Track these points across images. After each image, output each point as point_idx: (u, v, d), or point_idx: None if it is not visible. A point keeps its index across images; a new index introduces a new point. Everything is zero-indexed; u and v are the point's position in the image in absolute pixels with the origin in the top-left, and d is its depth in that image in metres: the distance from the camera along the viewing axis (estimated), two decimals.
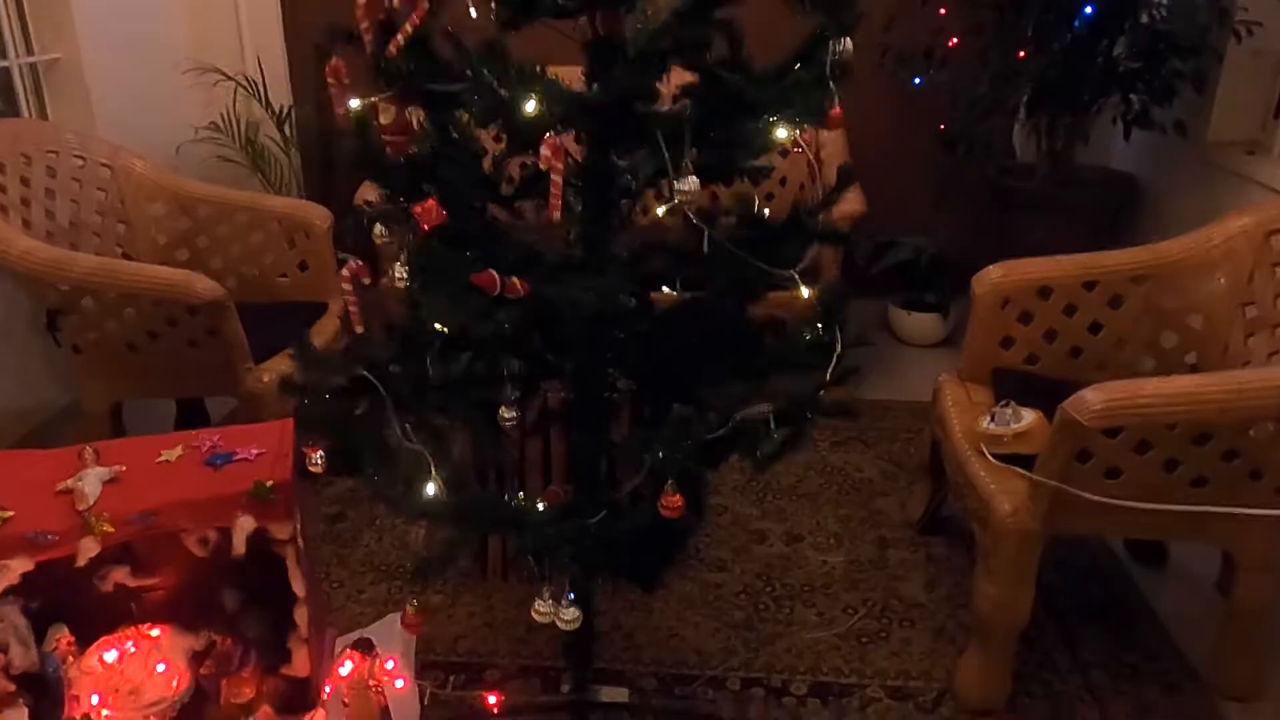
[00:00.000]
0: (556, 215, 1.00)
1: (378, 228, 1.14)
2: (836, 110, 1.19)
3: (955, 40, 2.81)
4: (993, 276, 2.10)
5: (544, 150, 0.96)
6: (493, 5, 1.14)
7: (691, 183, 1.01)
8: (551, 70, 1.04)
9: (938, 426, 2.08)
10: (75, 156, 2.48)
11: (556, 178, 0.98)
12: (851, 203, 2.73)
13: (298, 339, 1.21)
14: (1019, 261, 2.11)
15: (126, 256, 2.54)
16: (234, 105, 3.19)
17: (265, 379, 2.16)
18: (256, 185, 3.24)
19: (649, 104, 0.99)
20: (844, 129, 2.99)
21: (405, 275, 1.09)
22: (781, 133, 1.21)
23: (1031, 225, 2.97)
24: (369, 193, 2.77)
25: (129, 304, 2.11)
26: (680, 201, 1.03)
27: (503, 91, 1.00)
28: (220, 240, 2.62)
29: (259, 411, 2.15)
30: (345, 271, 1.18)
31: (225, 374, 2.16)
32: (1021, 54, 2.56)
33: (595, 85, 1.00)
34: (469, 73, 1.05)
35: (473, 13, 1.19)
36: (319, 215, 2.59)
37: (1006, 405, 1.88)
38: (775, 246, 1.21)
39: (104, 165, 2.54)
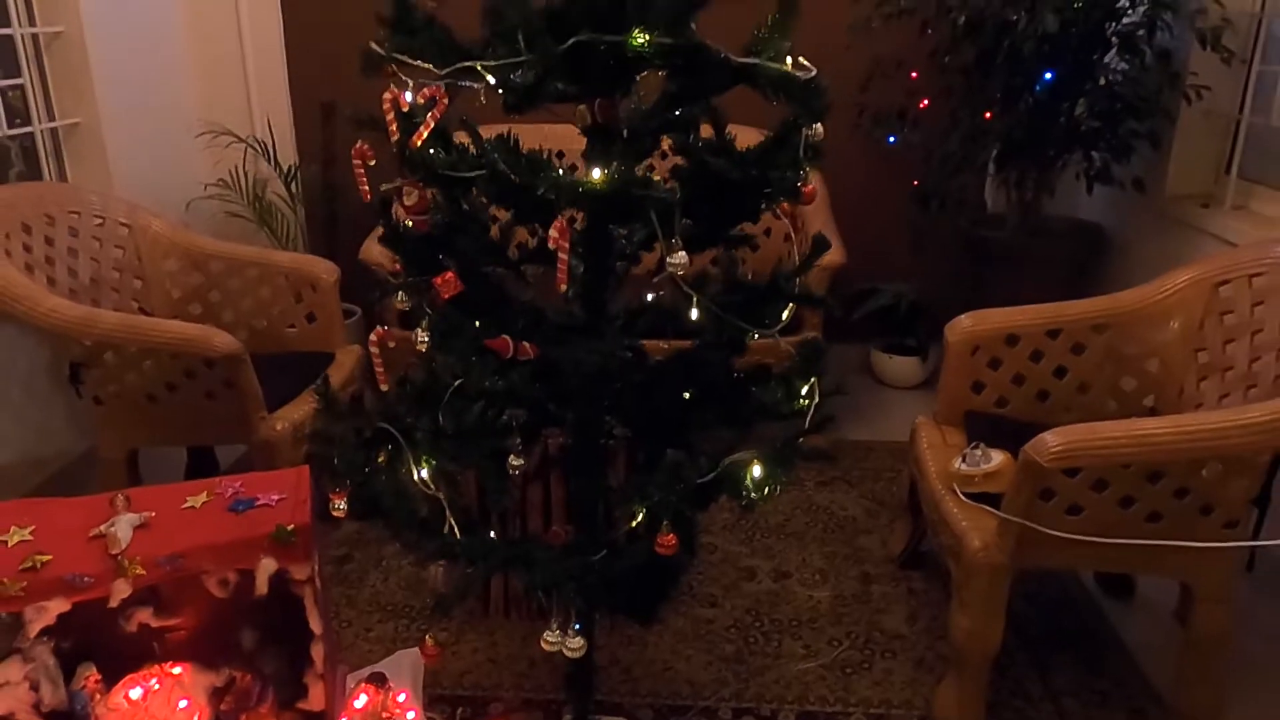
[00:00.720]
0: (564, 288, 1.13)
1: (400, 295, 1.27)
2: (810, 188, 1.33)
3: (926, 102, 2.98)
4: (964, 325, 2.24)
5: (552, 232, 1.09)
6: (500, 94, 1.28)
7: (681, 257, 1.15)
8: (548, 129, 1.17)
9: (915, 467, 2.21)
10: (96, 216, 2.62)
11: (563, 255, 1.11)
12: (831, 254, 2.88)
13: (321, 395, 1.33)
14: (988, 311, 2.25)
15: (143, 310, 2.66)
16: (243, 163, 3.34)
17: (278, 427, 2.28)
18: (263, 239, 3.38)
19: (643, 188, 1.12)
20: (825, 183, 3.15)
21: (426, 339, 1.21)
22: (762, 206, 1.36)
23: (1004, 274, 3.12)
24: (373, 249, 2.91)
25: (149, 357, 2.23)
26: (671, 272, 1.16)
27: (514, 178, 1.14)
28: (231, 294, 2.75)
29: (273, 458, 2.26)
30: (373, 336, 1.31)
31: (240, 423, 2.27)
32: (988, 115, 2.73)
33: (596, 172, 1.13)
34: (483, 159, 1.19)
35: (483, 99, 1.33)
36: (325, 269, 2.72)
37: (977, 447, 2.01)
38: (757, 308, 1.35)
39: (122, 224, 2.67)
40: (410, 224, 1.21)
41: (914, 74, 3.02)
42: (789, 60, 1.26)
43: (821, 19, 3.21)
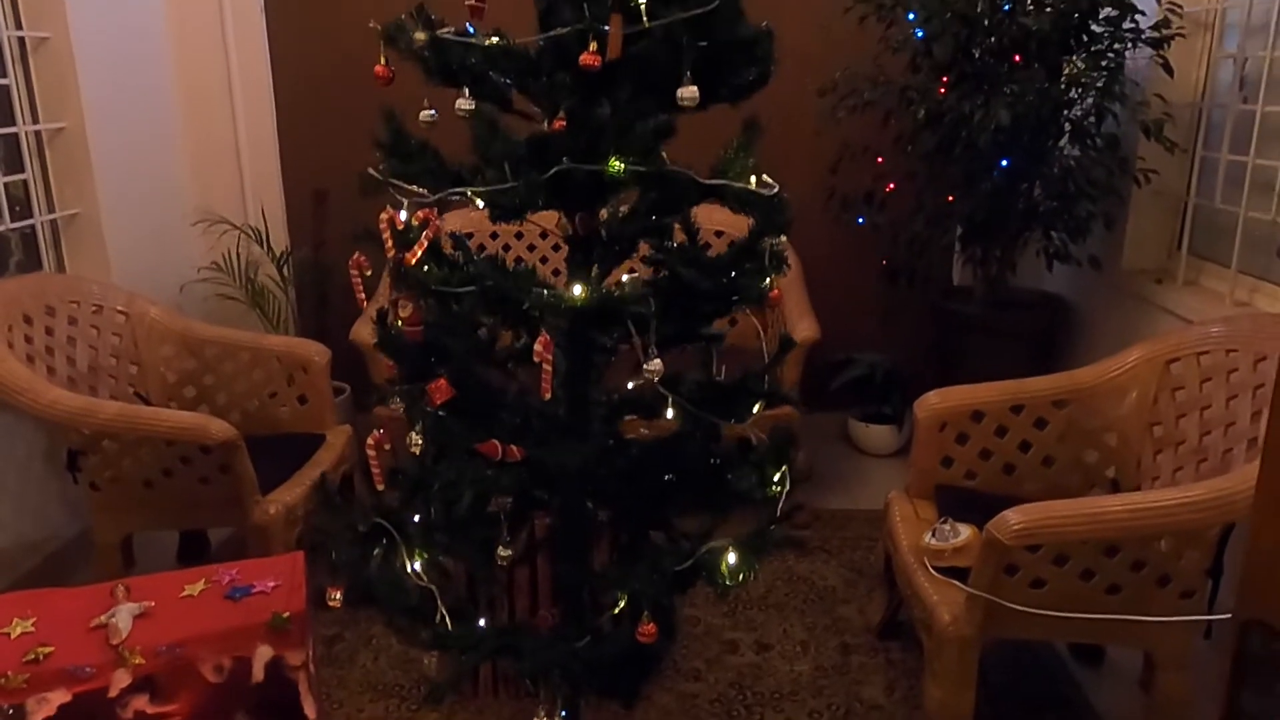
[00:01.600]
0: (548, 395, 1.23)
1: (394, 400, 1.36)
2: (775, 293, 1.44)
3: (893, 185, 3.13)
4: (931, 402, 2.35)
5: (537, 345, 1.19)
6: (485, 209, 1.39)
7: (657, 364, 1.24)
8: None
9: (889, 541, 2.29)
10: (94, 305, 2.71)
11: (547, 366, 1.21)
12: (806, 330, 2.99)
13: (319, 491, 1.41)
14: (954, 389, 2.35)
15: (139, 395, 2.73)
16: (236, 247, 3.45)
17: (272, 510, 2.34)
18: (255, 319, 3.47)
19: (622, 304, 1.22)
20: (799, 259, 3.28)
21: (420, 443, 1.30)
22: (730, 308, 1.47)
23: (974, 344, 3.25)
24: (363, 330, 3.01)
25: (146, 445, 2.30)
26: (648, 377, 1.26)
27: (502, 293, 1.24)
28: (225, 377, 2.83)
29: (266, 540, 2.32)
30: (370, 440, 1.40)
31: (234, 507, 2.33)
32: (950, 198, 2.88)
33: (577, 288, 1.24)
34: (473, 275, 1.29)
35: (474, 209, 1.44)
36: (317, 352, 2.81)
37: (946, 522, 2.10)
38: (729, 404, 1.44)
39: (120, 312, 2.76)
40: (406, 335, 1.30)
41: (879, 159, 3.17)
42: (753, 179, 1.38)
43: (792, 105, 3.38)
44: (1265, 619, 0.96)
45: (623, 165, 1.24)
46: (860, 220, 3.09)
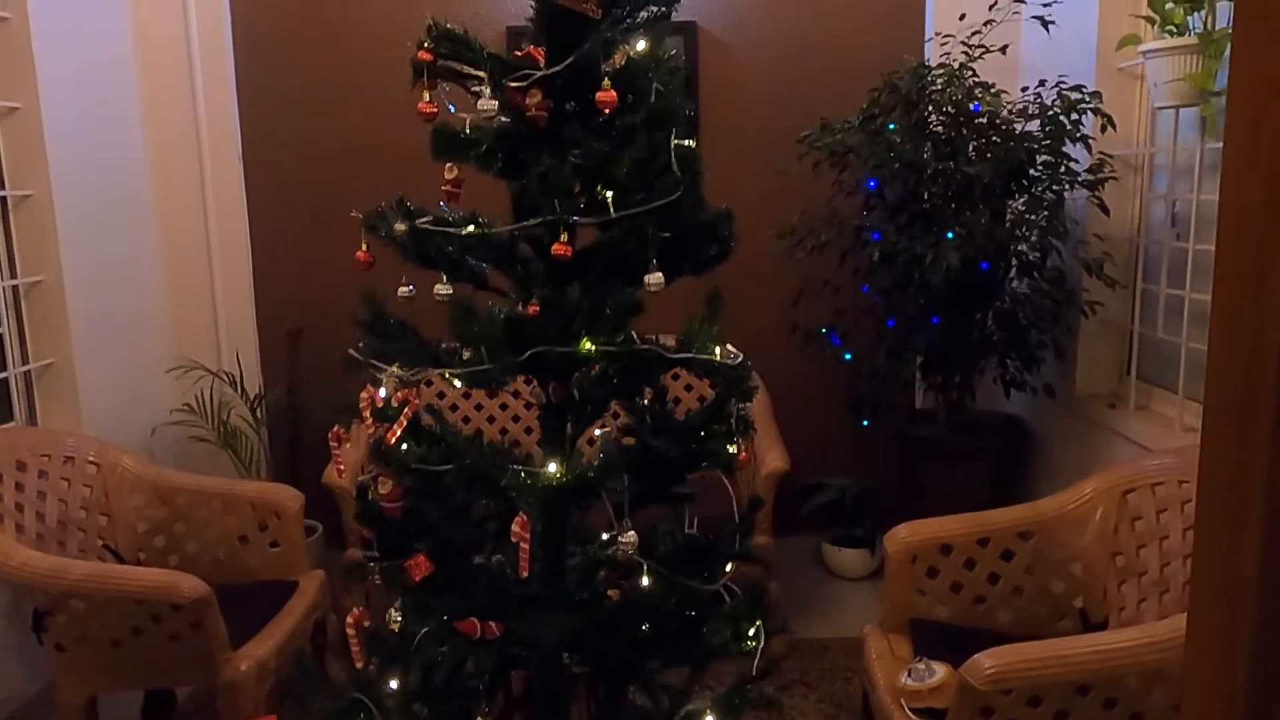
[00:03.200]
0: (525, 573, 1.26)
1: (373, 575, 1.38)
2: (744, 455, 1.50)
3: (852, 320, 3.26)
4: (900, 536, 2.39)
5: (515, 526, 1.23)
6: (464, 392, 1.45)
7: (631, 537, 1.29)
8: None
9: (865, 679, 2.29)
10: (66, 456, 2.70)
11: (524, 546, 1.24)
12: (776, 461, 3.05)
13: (299, 668, 1.41)
14: (922, 522, 2.40)
15: (107, 547, 2.71)
16: (210, 390, 3.47)
17: (243, 667, 2.31)
18: (227, 460, 3.47)
19: (596, 481, 1.27)
20: (766, 388, 3.37)
21: (399, 619, 1.32)
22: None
23: (938, 468, 3.32)
24: (333, 476, 3.02)
25: (116, 604, 2.27)
26: (622, 549, 1.30)
27: (480, 469, 1.28)
28: (196, 525, 2.81)
29: (237, 698, 2.28)
30: (350, 618, 1.41)
31: (204, 664, 2.29)
32: (908, 331, 3.00)
33: (552, 466, 1.29)
34: (450, 449, 1.33)
35: (457, 384, 1.50)
36: (290, 497, 2.80)
37: (921, 660, 2.12)
38: (702, 566, 1.48)
39: (91, 462, 2.76)
40: (385, 511, 1.34)
41: (837, 289, 3.31)
42: (718, 350, 1.45)
43: (755, 242, 3.53)
44: None
45: (594, 346, 1.31)
46: (826, 349, 3.18)
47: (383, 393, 1.40)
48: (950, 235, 2.73)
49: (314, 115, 3.61)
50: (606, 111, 1.32)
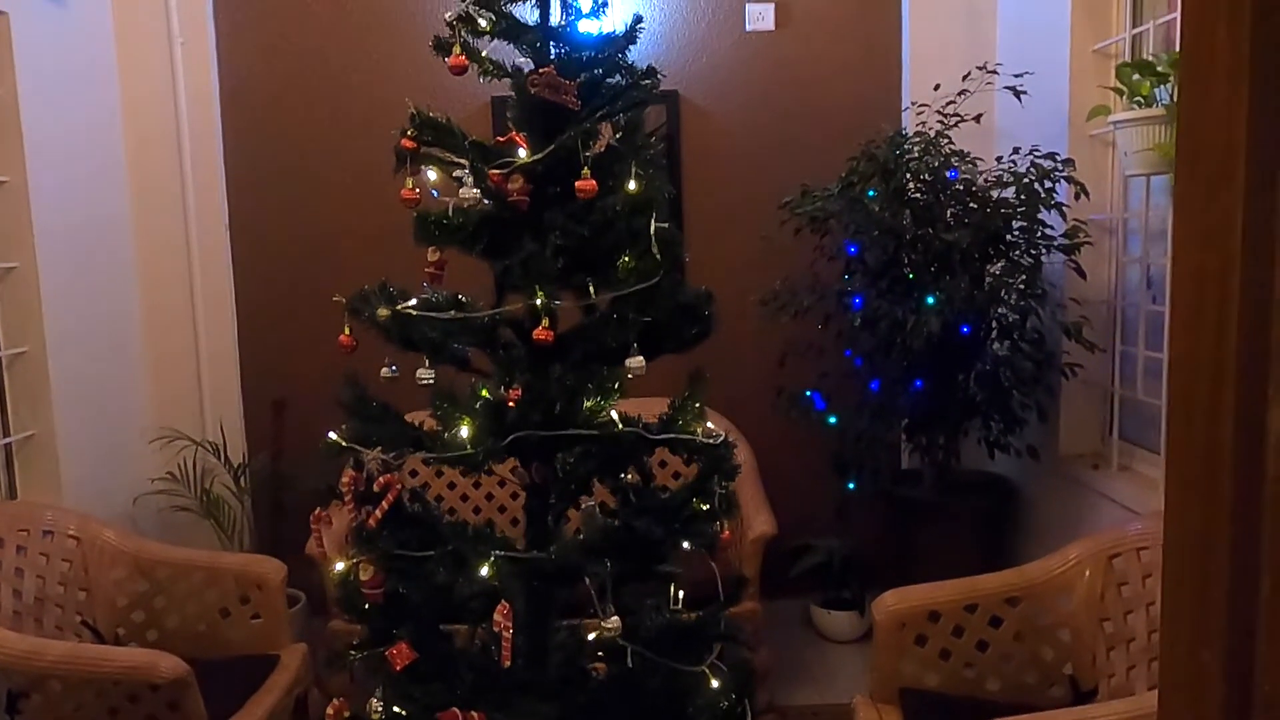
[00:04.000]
0: (507, 663, 1.25)
1: (353, 663, 1.37)
2: (726, 534, 1.50)
3: (836, 382, 3.28)
4: (888, 603, 2.38)
5: (497, 615, 1.22)
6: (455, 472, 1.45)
7: (614, 621, 1.28)
8: None
9: None
10: (45, 530, 2.67)
11: (507, 635, 1.24)
12: (763, 525, 3.04)
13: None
14: (910, 589, 2.39)
15: (85, 623, 2.66)
16: (193, 459, 3.45)
17: None
18: (209, 529, 3.43)
19: (580, 565, 1.27)
20: (751, 451, 3.37)
21: (380, 710, 1.30)
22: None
23: (925, 526, 3.32)
24: (315, 547, 2.99)
25: (92, 685, 2.22)
26: (606, 633, 1.29)
27: (463, 555, 1.28)
28: (177, 599, 2.77)
29: None
30: (330, 710, 1.39)
31: None
32: (891, 394, 3.02)
33: (535, 553, 1.28)
34: (433, 533, 1.33)
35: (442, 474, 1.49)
36: (273, 569, 2.77)
37: None
38: (687, 647, 1.47)
39: (71, 536, 2.73)
40: (366, 599, 1.33)
41: (821, 352, 3.33)
42: (699, 430, 1.46)
43: (739, 306, 3.56)
44: None
45: (576, 432, 1.32)
46: (810, 412, 3.20)
47: (365, 476, 1.40)
48: (931, 300, 2.76)
49: (300, 186, 3.65)
50: (586, 199, 1.34)
